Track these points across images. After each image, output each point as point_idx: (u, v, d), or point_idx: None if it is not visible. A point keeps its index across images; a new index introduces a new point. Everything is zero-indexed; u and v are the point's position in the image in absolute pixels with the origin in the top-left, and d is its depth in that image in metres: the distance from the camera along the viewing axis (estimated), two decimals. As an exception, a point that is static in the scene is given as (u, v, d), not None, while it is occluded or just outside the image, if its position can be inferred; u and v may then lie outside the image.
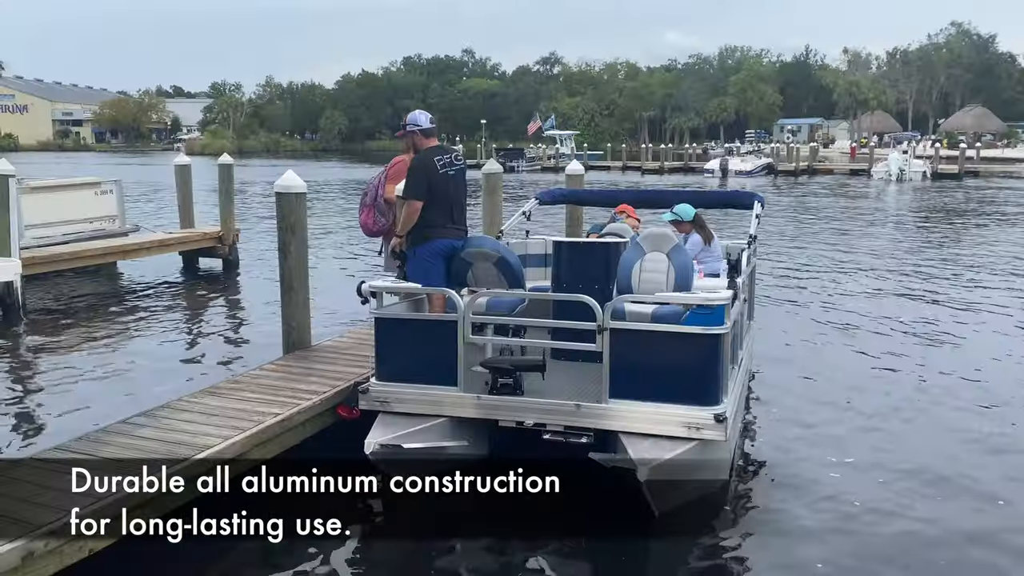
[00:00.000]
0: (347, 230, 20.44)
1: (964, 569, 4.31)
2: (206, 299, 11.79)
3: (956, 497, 5.18)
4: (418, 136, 6.01)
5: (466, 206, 6.11)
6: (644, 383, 4.84)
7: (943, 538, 4.66)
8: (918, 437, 6.20)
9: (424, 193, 5.80)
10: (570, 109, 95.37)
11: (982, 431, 6.39)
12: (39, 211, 12.25)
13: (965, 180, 41.71)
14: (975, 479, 5.55)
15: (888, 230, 20.91)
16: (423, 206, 5.81)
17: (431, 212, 5.86)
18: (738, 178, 44.86)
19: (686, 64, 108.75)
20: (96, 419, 5.80)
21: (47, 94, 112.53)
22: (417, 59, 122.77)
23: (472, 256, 5.84)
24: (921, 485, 5.34)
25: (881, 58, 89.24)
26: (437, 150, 5.96)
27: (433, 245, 5.89)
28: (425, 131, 5.99)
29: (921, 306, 11.11)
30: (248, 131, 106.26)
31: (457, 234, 6.05)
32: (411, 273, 5.90)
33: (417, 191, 5.81)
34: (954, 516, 4.95)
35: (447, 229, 5.95)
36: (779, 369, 8.03)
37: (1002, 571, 4.36)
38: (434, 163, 5.83)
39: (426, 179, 5.81)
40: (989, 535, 4.73)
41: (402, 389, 5.29)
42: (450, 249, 5.97)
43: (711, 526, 4.73)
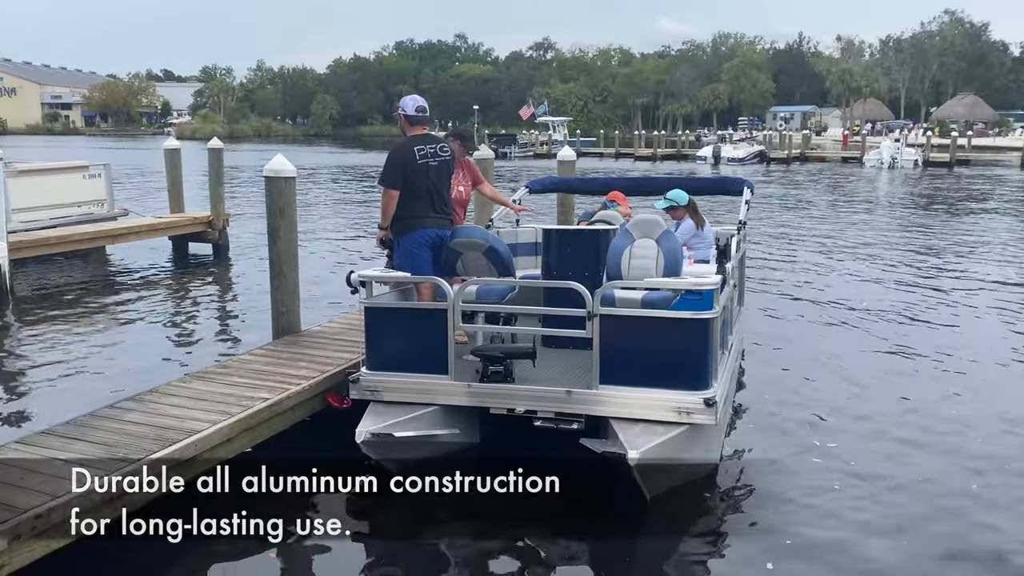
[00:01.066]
0: (337, 215, 20.40)
1: (963, 540, 4.34)
2: (195, 284, 11.74)
3: (948, 469, 5.23)
4: (403, 122, 5.96)
5: (449, 196, 6.08)
6: (634, 369, 4.85)
7: (934, 510, 4.70)
8: (909, 417, 6.24)
9: (399, 182, 5.79)
10: (563, 95, 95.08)
11: (974, 405, 6.47)
12: (26, 195, 12.13)
13: (956, 168, 41.84)
14: (964, 451, 5.62)
15: (878, 217, 20.96)
16: (402, 196, 5.80)
17: (411, 202, 5.83)
18: (730, 165, 44.89)
19: (679, 51, 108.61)
20: (84, 403, 5.77)
21: (36, 77, 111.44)
22: (409, 44, 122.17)
23: (461, 245, 5.82)
24: (911, 460, 5.39)
25: (874, 46, 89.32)
26: (420, 139, 5.90)
27: (417, 235, 5.87)
28: (410, 118, 5.93)
29: (910, 290, 11.15)
30: (239, 115, 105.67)
31: (441, 223, 6.01)
32: (399, 263, 5.88)
33: (392, 180, 5.79)
34: (947, 487, 5.00)
35: (429, 219, 5.91)
36: (769, 353, 8.07)
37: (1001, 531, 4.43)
38: (412, 152, 5.79)
39: (401, 168, 5.78)
40: (988, 501, 4.81)
41: (392, 378, 5.29)
42: (436, 238, 5.95)
43: (702, 509, 4.76)
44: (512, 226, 7.71)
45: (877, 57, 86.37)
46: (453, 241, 5.78)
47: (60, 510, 3.76)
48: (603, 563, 4.17)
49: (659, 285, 5.40)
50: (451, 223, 6.11)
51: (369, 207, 22.76)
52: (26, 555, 3.66)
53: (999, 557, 4.12)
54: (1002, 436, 5.90)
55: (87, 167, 13.89)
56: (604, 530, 4.48)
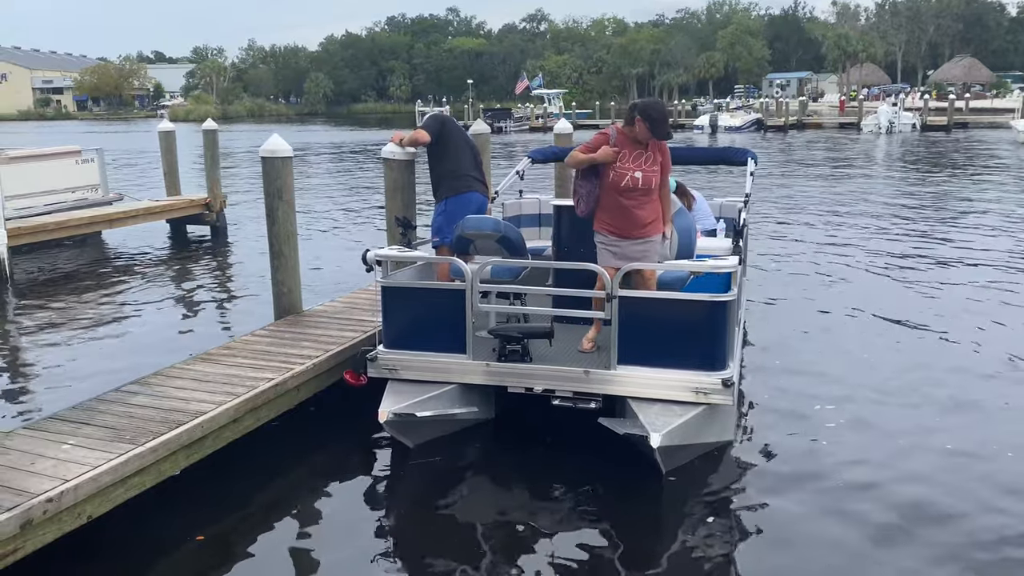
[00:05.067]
0: (334, 194, 20.31)
1: (974, 516, 4.37)
2: (195, 266, 11.72)
3: (958, 445, 5.23)
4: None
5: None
6: (652, 349, 4.87)
7: (944, 484, 4.73)
8: (912, 389, 6.26)
9: (436, 132, 6.23)
10: (557, 67, 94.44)
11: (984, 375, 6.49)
12: (19, 181, 12.08)
13: (954, 131, 41.64)
14: (977, 413, 5.66)
15: (877, 182, 20.89)
16: (446, 154, 6.19)
17: (456, 159, 6.14)
18: (727, 134, 44.69)
19: (674, 19, 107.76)
20: (89, 388, 5.80)
21: (25, 62, 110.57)
22: (401, 19, 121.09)
23: (474, 236, 5.78)
24: (918, 428, 5.42)
25: (870, 10, 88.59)
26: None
27: (464, 198, 6.17)
28: None
29: (910, 255, 11.15)
30: (232, 96, 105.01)
31: (483, 189, 6.34)
32: (441, 227, 6.12)
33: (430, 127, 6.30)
34: (955, 462, 5.01)
35: (476, 182, 6.26)
36: (772, 323, 8.09)
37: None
38: (449, 117, 6.42)
39: (439, 123, 6.31)
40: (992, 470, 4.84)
41: (411, 357, 5.32)
42: (479, 206, 6.22)
43: (716, 482, 4.80)
44: (516, 197, 7.70)
45: (873, 21, 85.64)
46: (465, 232, 5.72)
47: (70, 494, 3.79)
48: (612, 542, 4.20)
49: (680, 268, 5.46)
50: (487, 189, 6.54)
51: (367, 188, 22.68)
52: (38, 539, 3.69)
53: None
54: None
55: (79, 152, 13.82)
56: (617, 509, 4.52)
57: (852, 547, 4.07)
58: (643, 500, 4.60)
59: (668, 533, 4.34)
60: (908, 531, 4.21)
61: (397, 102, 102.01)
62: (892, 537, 4.15)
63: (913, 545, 4.09)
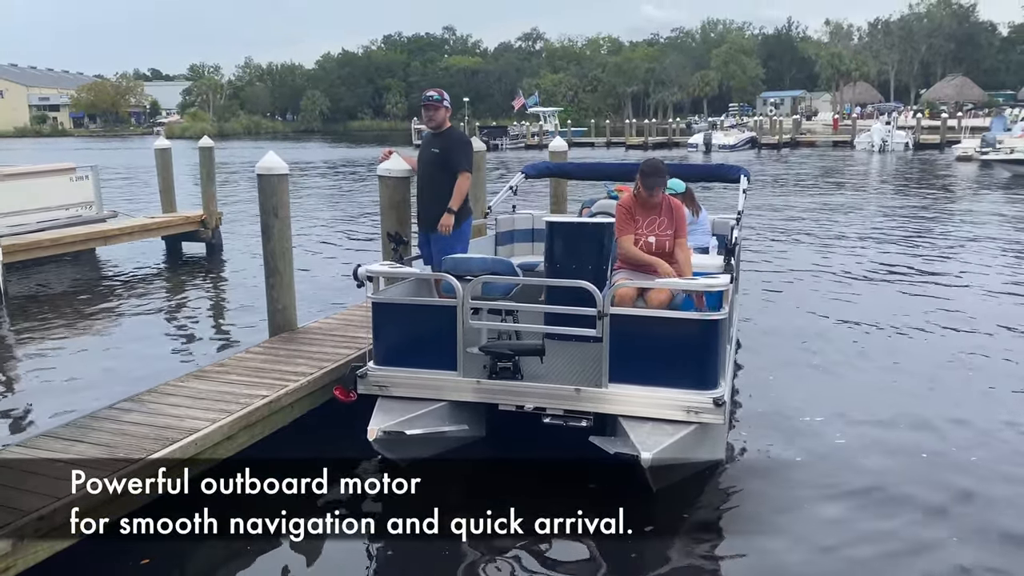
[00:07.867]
0: (330, 212, 20.35)
1: (972, 538, 4.37)
2: (190, 283, 11.72)
3: (953, 464, 5.25)
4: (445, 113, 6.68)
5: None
6: (644, 368, 4.87)
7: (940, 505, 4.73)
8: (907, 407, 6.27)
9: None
10: (553, 85, 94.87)
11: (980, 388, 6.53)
12: (13, 198, 12.08)
13: (947, 150, 41.93)
14: (976, 431, 5.67)
15: (870, 199, 21.01)
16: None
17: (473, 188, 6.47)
18: (721, 152, 44.88)
19: (668, 38, 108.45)
20: (83, 405, 5.78)
21: (22, 79, 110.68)
22: (398, 37, 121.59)
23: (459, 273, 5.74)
24: (909, 445, 5.43)
25: (863, 29, 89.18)
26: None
27: (469, 220, 6.36)
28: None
29: (906, 272, 11.21)
30: (228, 113, 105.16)
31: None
32: (451, 246, 6.18)
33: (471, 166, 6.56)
34: (949, 481, 5.02)
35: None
36: (764, 340, 8.10)
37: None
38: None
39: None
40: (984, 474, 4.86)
41: (401, 374, 5.29)
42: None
43: (706, 501, 4.80)
44: (509, 212, 7.72)
45: (866, 40, 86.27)
46: (451, 270, 5.63)
47: (63, 511, 3.78)
48: (600, 561, 4.19)
49: (671, 286, 5.43)
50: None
51: (361, 202, 22.70)
52: (30, 557, 3.68)
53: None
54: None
55: (74, 169, 13.79)
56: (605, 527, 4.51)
57: (844, 567, 4.07)
58: (632, 519, 4.59)
59: (656, 553, 4.33)
60: (904, 552, 4.20)
61: (393, 119, 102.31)
62: (887, 557, 4.15)
63: (909, 566, 4.08)
